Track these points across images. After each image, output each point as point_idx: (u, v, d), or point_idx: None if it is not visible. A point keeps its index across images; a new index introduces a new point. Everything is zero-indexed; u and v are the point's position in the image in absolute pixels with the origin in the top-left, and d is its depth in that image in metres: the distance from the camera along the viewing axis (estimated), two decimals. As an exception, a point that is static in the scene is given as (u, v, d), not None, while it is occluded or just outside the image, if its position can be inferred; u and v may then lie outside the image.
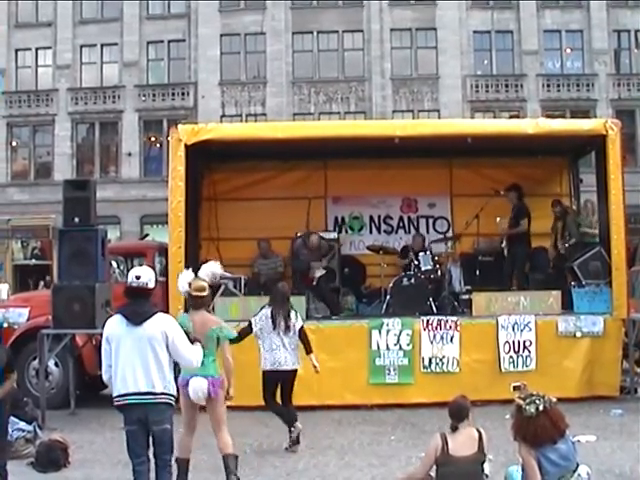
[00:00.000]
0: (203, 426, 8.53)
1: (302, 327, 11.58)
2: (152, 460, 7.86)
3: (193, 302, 9.61)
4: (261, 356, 11.42)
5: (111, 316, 8.12)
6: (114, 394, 7.72)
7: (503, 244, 17.33)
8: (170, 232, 14.77)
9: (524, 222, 16.75)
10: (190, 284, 9.59)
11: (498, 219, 16.84)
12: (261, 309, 11.63)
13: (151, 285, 7.88)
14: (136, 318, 7.66)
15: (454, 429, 7.70)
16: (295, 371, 11.52)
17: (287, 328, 11.33)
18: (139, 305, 7.77)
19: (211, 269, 9.88)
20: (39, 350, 13.84)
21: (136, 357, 7.60)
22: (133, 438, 7.73)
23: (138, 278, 7.78)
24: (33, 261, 46.30)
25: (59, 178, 38.75)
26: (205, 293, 9.62)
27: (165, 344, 7.70)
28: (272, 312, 11.42)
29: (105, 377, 7.93)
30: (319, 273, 16.42)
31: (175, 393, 7.93)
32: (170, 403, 7.78)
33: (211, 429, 9.17)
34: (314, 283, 16.37)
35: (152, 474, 7.87)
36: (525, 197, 17.44)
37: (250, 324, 11.46)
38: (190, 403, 9.19)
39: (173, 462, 8.13)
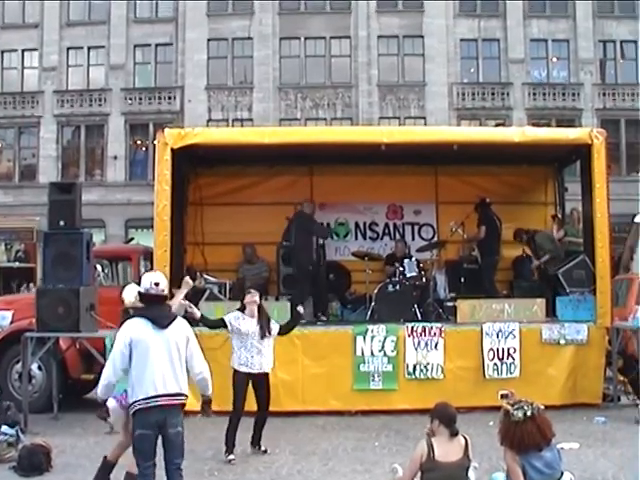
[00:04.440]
0: (190, 431, 8.46)
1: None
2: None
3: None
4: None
5: (128, 319, 8.15)
6: (139, 397, 7.69)
7: (475, 252, 17.35)
8: (155, 236, 14.72)
9: (482, 229, 16.88)
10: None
11: (452, 224, 16.94)
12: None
13: (167, 291, 8.13)
14: (163, 321, 7.80)
15: (455, 434, 7.71)
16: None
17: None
18: (160, 309, 7.92)
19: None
20: (22, 353, 13.73)
21: (165, 359, 7.71)
22: (147, 442, 7.72)
23: (157, 285, 7.93)
24: (17, 264, 45.96)
25: (44, 181, 38.74)
26: None
27: (186, 345, 7.90)
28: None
29: (114, 379, 7.91)
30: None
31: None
32: (185, 404, 7.90)
33: (193, 435, 9.14)
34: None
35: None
36: (510, 205, 17.61)
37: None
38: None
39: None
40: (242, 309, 11.62)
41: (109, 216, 44.60)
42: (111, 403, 9.47)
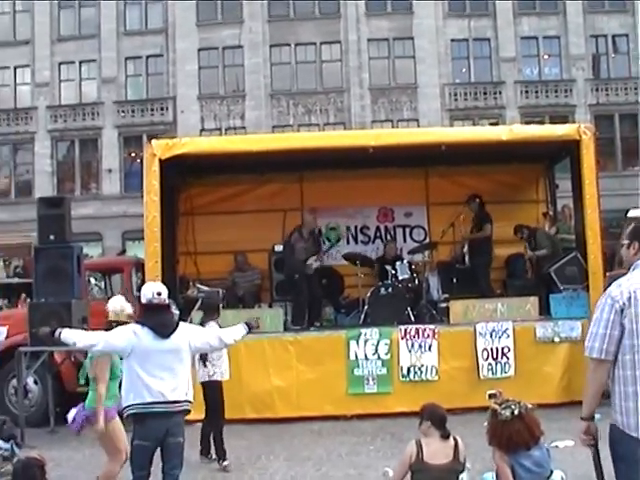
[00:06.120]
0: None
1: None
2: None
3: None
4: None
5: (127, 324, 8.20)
6: (136, 401, 7.72)
7: (465, 249, 17.28)
8: (146, 247, 14.71)
9: (487, 227, 16.82)
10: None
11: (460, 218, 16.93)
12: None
13: (167, 300, 8.14)
14: (164, 331, 7.80)
15: (447, 436, 7.69)
16: (202, 384, 11.40)
17: None
18: (163, 318, 7.94)
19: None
20: (17, 368, 13.77)
21: (165, 369, 7.72)
22: (143, 453, 7.76)
23: (159, 295, 7.99)
24: (16, 279, 45.98)
25: (40, 196, 38.65)
26: None
27: (191, 352, 8.02)
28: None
29: (94, 348, 8.04)
30: (315, 264, 16.37)
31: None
32: (189, 410, 7.93)
33: (186, 443, 9.08)
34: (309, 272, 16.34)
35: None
36: (501, 204, 17.56)
37: None
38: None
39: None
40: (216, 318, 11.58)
41: (106, 229, 44.77)
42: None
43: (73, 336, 7.96)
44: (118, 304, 9.41)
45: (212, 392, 11.31)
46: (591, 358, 5.55)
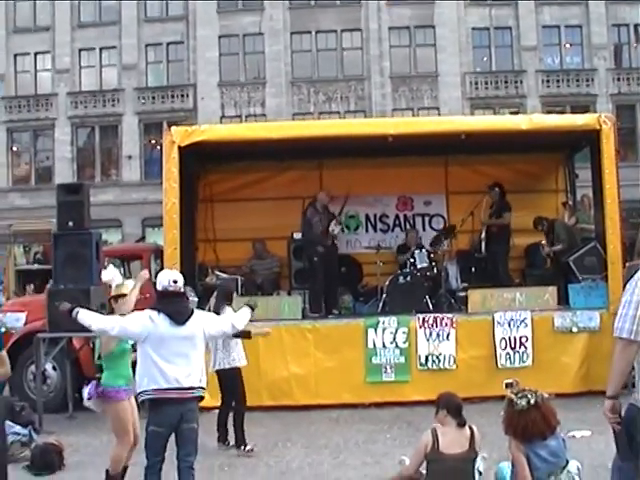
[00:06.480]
0: (200, 426, 8.45)
1: None
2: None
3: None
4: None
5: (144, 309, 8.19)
6: (151, 387, 7.77)
7: (482, 235, 17.10)
8: (165, 234, 14.72)
9: (507, 215, 16.78)
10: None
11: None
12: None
13: (183, 288, 8.23)
14: (180, 317, 7.87)
15: (463, 424, 7.70)
16: (219, 372, 11.51)
17: None
18: (179, 305, 8.01)
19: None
20: (35, 354, 13.82)
21: (180, 355, 7.79)
22: (157, 439, 7.81)
23: (175, 282, 8.05)
24: (35, 266, 46.16)
25: (60, 182, 38.76)
26: None
27: (205, 339, 8.11)
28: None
29: (108, 332, 8.04)
30: (337, 229, 16.43)
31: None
32: (203, 397, 8.03)
33: (203, 430, 9.11)
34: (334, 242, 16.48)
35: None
36: (521, 193, 17.48)
37: None
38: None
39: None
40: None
41: (125, 216, 44.86)
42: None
43: (89, 318, 7.94)
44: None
45: (231, 379, 11.35)
46: (620, 338, 5.72)
